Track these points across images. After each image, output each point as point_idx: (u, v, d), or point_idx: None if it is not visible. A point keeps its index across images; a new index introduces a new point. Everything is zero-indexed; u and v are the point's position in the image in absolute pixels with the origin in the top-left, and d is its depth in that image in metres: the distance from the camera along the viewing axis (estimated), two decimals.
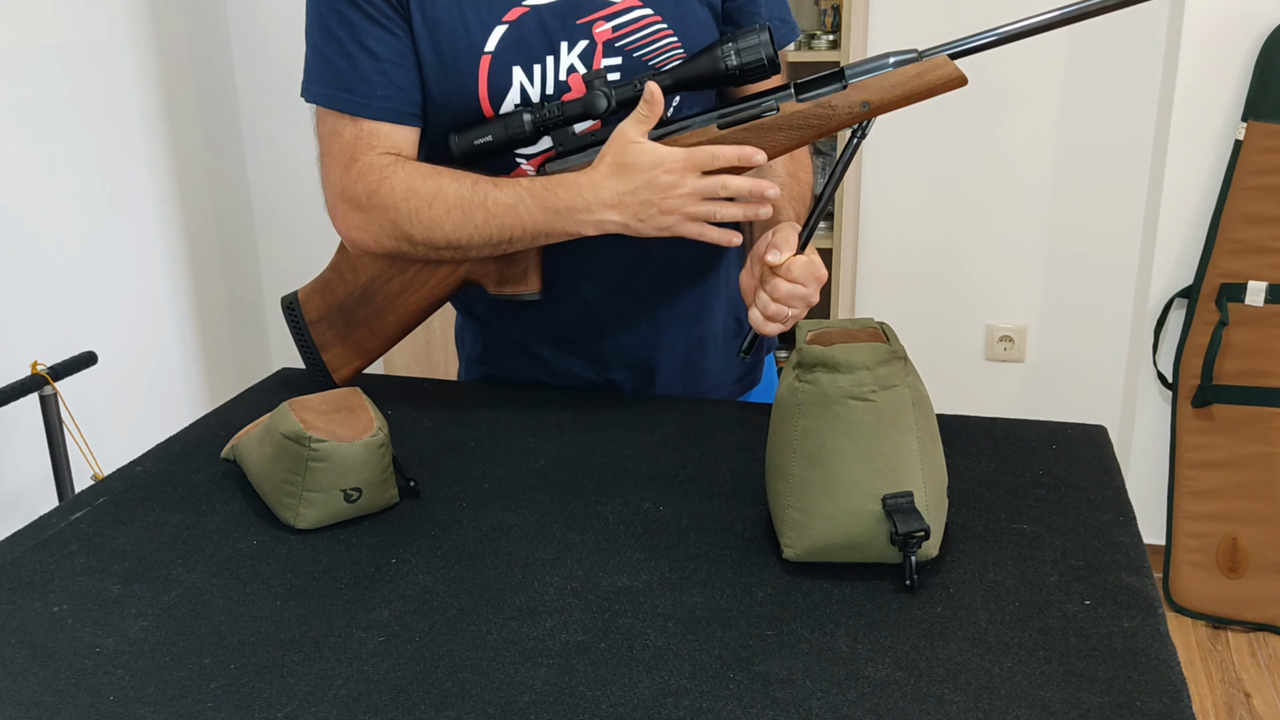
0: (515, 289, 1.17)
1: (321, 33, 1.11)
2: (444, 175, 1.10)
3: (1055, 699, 0.71)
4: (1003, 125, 2.57)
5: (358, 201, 1.12)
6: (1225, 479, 2.40)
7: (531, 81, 1.11)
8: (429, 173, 1.11)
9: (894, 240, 2.72)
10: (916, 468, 0.84)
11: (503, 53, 1.10)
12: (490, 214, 1.08)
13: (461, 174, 1.10)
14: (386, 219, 1.11)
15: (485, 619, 0.82)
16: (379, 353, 1.22)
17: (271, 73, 2.82)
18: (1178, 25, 2.29)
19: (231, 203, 2.88)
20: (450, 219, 1.09)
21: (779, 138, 1.07)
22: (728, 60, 1.05)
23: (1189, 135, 2.32)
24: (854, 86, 1.04)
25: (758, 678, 0.74)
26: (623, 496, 1.00)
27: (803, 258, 1.07)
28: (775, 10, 1.21)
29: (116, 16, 2.44)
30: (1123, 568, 0.86)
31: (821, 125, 1.06)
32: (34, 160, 2.25)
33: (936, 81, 1.03)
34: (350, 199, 1.12)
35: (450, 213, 1.09)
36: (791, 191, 1.22)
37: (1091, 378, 2.69)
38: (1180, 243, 2.39)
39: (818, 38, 2.48)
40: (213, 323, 2.83)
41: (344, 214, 1.13)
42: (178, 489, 1.04)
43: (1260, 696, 2.26)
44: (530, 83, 1.11)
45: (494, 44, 1.10)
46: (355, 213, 1.12)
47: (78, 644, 0.81)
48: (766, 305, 1.08)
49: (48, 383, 1.99)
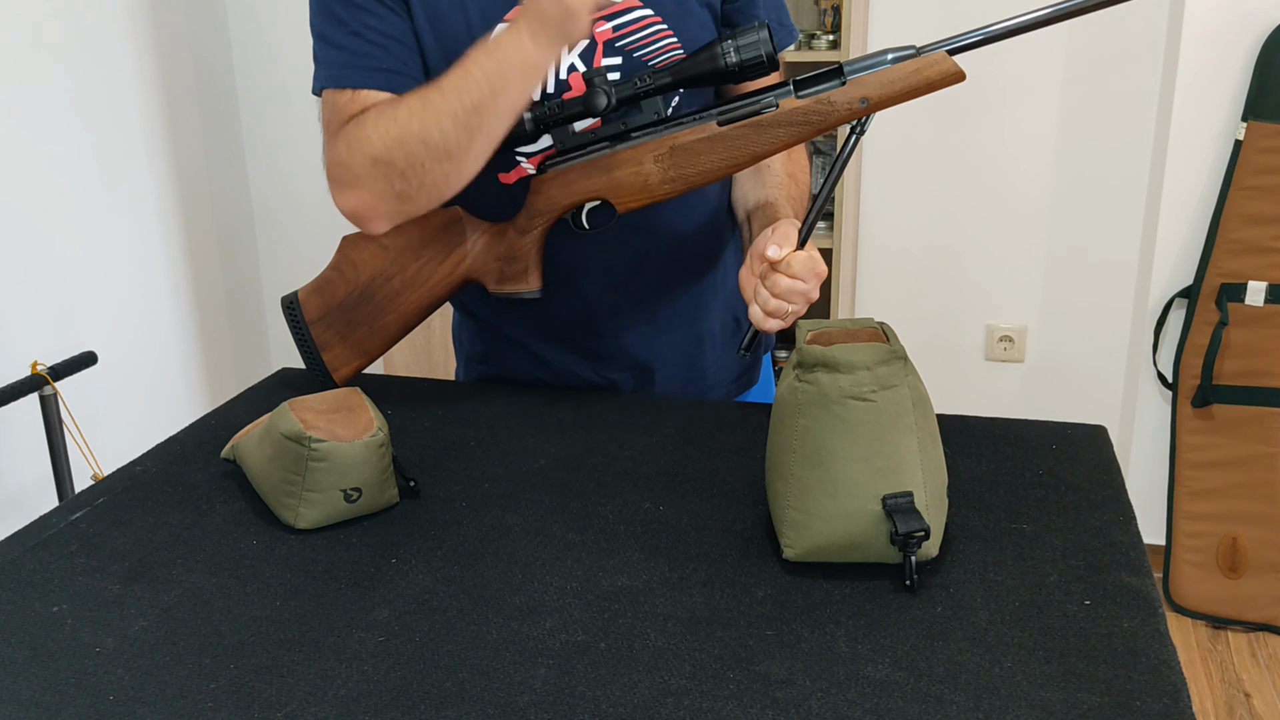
0: (515, 286, 1.17)
1: (324, 19, 1.11)
2: (406, 95, 1.06)
3: (1055, 699, 0.71)
4: (1003, 126, 2.57)
5: (341, 161, 1.07)
6: (1225, 479, 2.40)
7: None
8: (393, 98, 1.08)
9: (894, 240, 2.72)
10: (916, 468, 0.84)
11: None
12: (444, 91, 1.03)
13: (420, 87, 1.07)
14: (366, 159, 1.05)
15: (485, 619, 0.82)
16: (379, 352, 1.22)
17: (271, 73, 2.82)
18: (1178, 25, 2.29)
19: (231, 203, 2.88)
20: (415, 118, 1.04)
21: (778, 134, 1.07)
22: (727, 57, 1.05)
23: (1189, 135, 2.32)
24: (852, 83, 1.04)
25: (758, 678, 0.74)
26: (623, 496, 1.00)
27: (802, 253, 1.07)
28: (774, 13, 1.22)
29: (116, 16, 2.43)
30: (1123, 568, 0.86)
31: (820, 122, 1.06)
32: (34, 160, 2.25)
33: (935, 77, 1.03)
34: (336, 162, 1.08)
35: (413, 113, 1.04)
36: (789, 191, 1.22)
37: (1091, 378, 2.69)
38: (1180, 242, 2.39)
39: (818, 38, 2.48)
40: (213, 323, 2.83)
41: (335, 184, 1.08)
42: (178, 489, 1.04)
43: (1260, 696, 2.26)
44: None
45: None
46: (342, 173, 1.07)
47: (78, 644, 0.81)
48: (766, 301, 1.07)
49: (48, 383, 1.99)
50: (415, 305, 1.19)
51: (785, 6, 1.26)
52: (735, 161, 1.09)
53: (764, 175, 1.24)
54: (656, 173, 1.10)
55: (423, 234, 1.17)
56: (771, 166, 1.24)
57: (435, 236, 1.17)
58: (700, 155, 1.08)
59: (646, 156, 1.09)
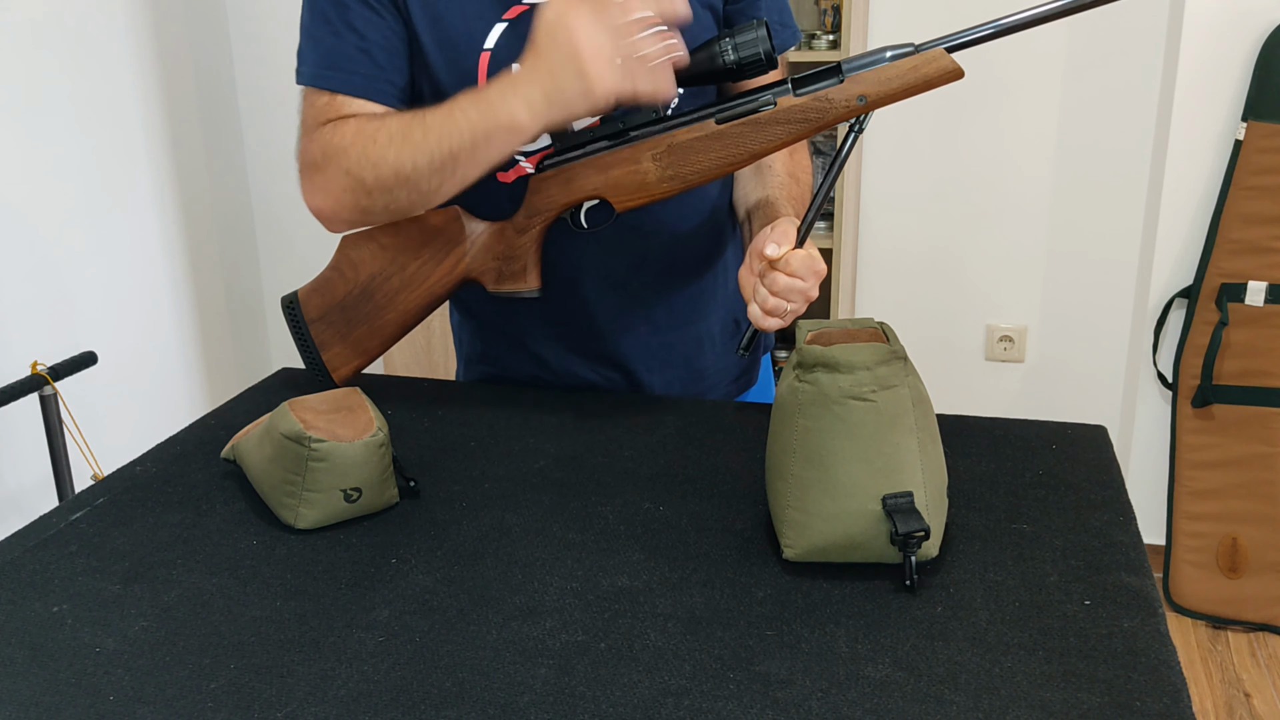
0: (514, 286, 1.17)
1: (312, 15, 1.13)
2: (389, 115, 1.09)
3: (1055, 699, 0.71)
4: (1003, 125, 2.57)
5: (314, 162, 1.10)
6: (1225, 479, 2.40)
7: None
8: (375, 116, 1.10)
9: (894, 239, 2.72)
10: (916, 468, 0.84)
11: (502, 50, 1.10)
12: (428, 128, 1.05)
13: (405, 111, 1.09)
14: (339, 169, 1.08)
15: (485, 619, 0.82)
16: (378, 352, 1.22)
17: (271, 73, 2.82)
18: (1178, 25, 2.29)
19: (231, 202, 2.88)
20: (393, 147, 1.06)
21: (777, 132, 1.07)
22: (725, 55, 1.05)
23: (1189, 135, 2.32)
24: (850, 80, 1.04)
25: (758, 678, 0.74)
26: (623, 496, 1.00)
27: (801, 251, 1.07)
28: (776, 14, 1.21)
29: (116, 17, 2.43)
30: (1123, 568, 0.86)
31: (819, 119, 1.06)
32: (34, 160, 2.25)
33: (933, 74, 1.02)
34: (309, 162, 1.11)
35: (393, 140, 1.06)
36: (790, 191, 1.22)
37: (1091, 378, 2.69)
38: (1180, 243, 2.39)
39: (818, 38, 2.48)
40: (213, 323, 2.83)
41: (305, 180, 1.12)
42: (178, 489, 1.04)
43: (1260, 696, 2.26)
44: None
45: (494, 41, 1.10)
46: (314, 174, 1.11)
47: (78, 644, 0.81)
48: (765, 299, 1.07)
49: (48, 383, 1.99)
50: (414, 304, 1.19)
51: (788, 7, 1.26)
52: (733, 160, 1.08)
53: (765, 175, 1.24)
54: (654, 171, 1.10)
55: (422, 233, 1.17)
56: (773, 166, 1.24)
57: (434, 236, 1.17)
58: (698, 153, 1.08)
59: (644, 155, 1.09)
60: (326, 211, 1.12)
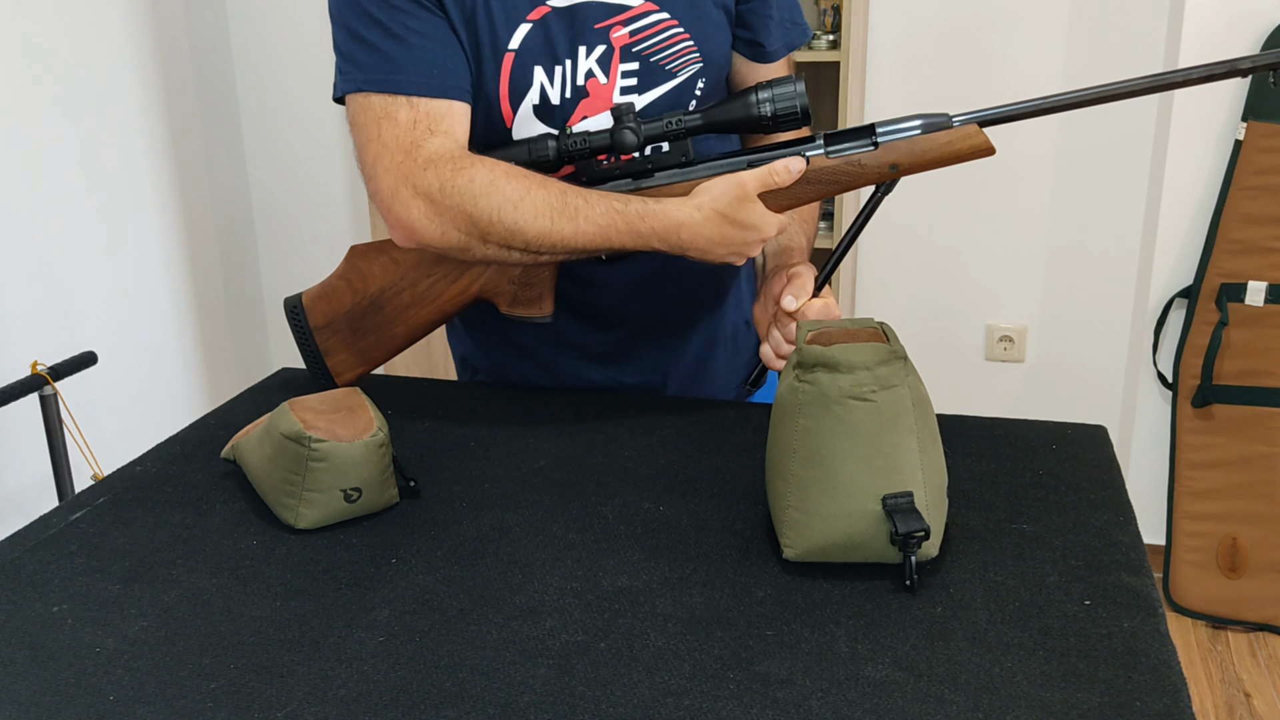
0: (528, 311, 1.17)
1: (359, 19, 1.07)
2: (530, 179, 1.06)
3: (1055, 699, 0.71)
4: (1003, 125, 2.56)
5: (429, 193, 1.06)
6: (1225, 479, 2.40)
7: (551, 82, 1.11)
8: (512, 173, 1.06)
9: (894, 240, 2.72)
10: (916, 468, 0.84)
11: (526, 51, 1.10)
12: (580, 230, 1.05)
13: (547, 180, 1.06)
14: (462, 214, 1.05)
15: (485, 619, 0.82)
16: (383, 360, 1.22)
17: (271, 73, 2.82)
18: (1178, 25, 2.29)
19: (231, 203, 2.88)
20: (538, 224, 1.05)
21: (806, 190, 1.07)
22: (762, 107, 1.05)
23: (1189, 135, 2.32)
24: (884, 148, 1.06)
25: (758, 678, 0.74)
26: (623, 496, 1.00)
27: (818, 301, 1.10)
28: (787, 12, 1.21)
29: (116, 17, 2.44)
30: (1123, 568, 0.86)
31: (849, 182, 1.08)
32: (34, 160, 2.25)
33: (965, 150, 1.06)
34: (420, 189, 1.06)
35: (539, 218, 1.05)
36: (801, 213, 1.23)
37: (1091, 378, 2.69)
38: (1180, 243, 2.39)
39: (818, 38, 2.47)
40: (213, 323, 2.83)
41: (407, 202, 1.06)
42: (178, 489, 1.04)
43: (1260, 696, 2.26)
44: (550, 83, 1.11)
45: (518, 42, 1.09)
46: (423, 203, 1.06)
47: (78, 644, 0.81)
48: (780, 345, 1.11)
49: (48, 383, 1.99)
50: (424, 319, 1.19)
51: (799, 5, 1.26)
52: None
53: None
54: None
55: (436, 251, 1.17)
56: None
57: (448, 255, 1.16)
58: None
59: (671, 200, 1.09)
60: (425, 238, 1.08)
